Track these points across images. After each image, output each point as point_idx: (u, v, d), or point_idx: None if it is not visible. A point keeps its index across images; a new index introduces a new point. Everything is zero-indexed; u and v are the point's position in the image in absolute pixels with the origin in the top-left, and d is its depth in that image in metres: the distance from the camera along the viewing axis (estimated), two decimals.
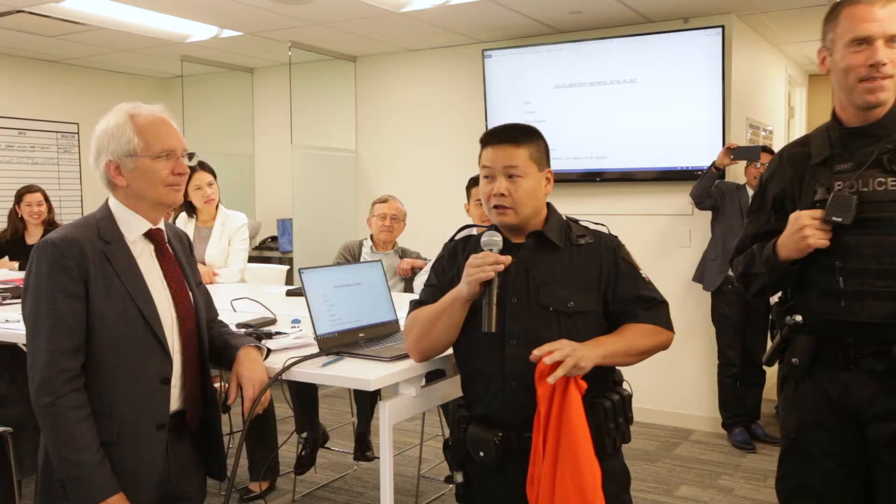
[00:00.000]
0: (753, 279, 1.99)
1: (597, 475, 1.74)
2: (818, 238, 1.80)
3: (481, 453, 1.89)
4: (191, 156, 1.87)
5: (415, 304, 2.05)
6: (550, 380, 1.72)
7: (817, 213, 1.81)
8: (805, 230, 1.80)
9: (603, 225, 2.01)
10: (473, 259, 1.83)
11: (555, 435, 1.76)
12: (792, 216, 1.86)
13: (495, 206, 1.90)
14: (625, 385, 1.99)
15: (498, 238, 1.87)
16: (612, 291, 1.90)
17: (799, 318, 1.92)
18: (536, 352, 1.75)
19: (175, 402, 1.85)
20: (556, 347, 1.74)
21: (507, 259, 1.82)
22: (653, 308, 1.93)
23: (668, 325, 1.95)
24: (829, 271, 1.84)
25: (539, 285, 1.87)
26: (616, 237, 1.99)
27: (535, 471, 1.80)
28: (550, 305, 1.85)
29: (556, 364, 1.72)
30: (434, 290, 2.00)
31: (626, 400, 1.94)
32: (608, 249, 1.93)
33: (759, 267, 1.95)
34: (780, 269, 1.89)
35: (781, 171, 1.98)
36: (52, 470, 1.73)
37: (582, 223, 1.98)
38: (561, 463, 1.74)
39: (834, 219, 1.78)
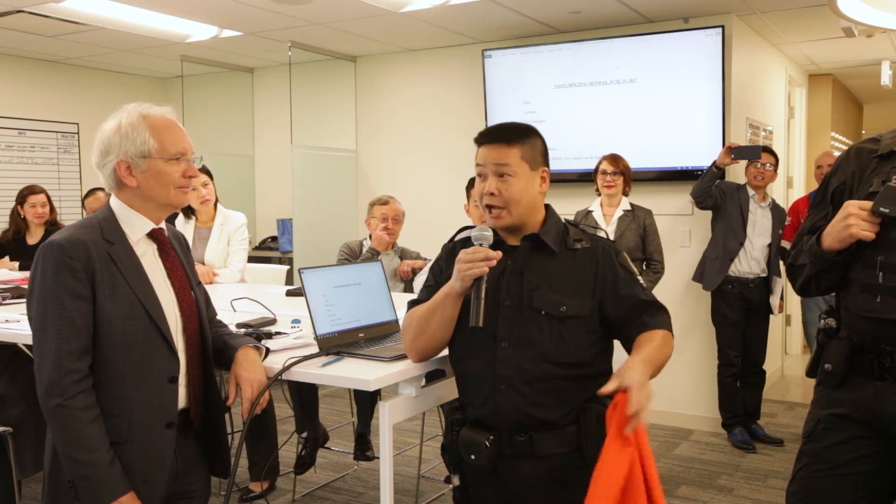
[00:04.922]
0: (799, 270, 1.93)
1: None
2: (862, 229, 1.72)
3: (472, 456, 1.88)
4: (199, 159, 1.88)
5: (411, 304, 2.05)
6: (628, 431, 1.71)
7: (866, 203, 1.73)
8: (849, 219, 1.73)
9: (602, 230, 1.99)
10: (464, 255, 1.81)
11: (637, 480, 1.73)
12: (843, 206, 1.79)
13: (488, 208, 1.88)
14: None
15: (489, 233, 1.86)
16: (611, 296, 1.87)
17: (832, 322, 1.87)
18: (607, 389, 1.71)
19: (181, 401, 1.85)
20: (630, 392, 1.68)
21: (498, 254, 1.81)
22: (657, 313, 1.90)
23: (671, 330, 1.92)
24: (871, 266, 1.77)
25: (532, 289, 1.85)
26: (614, 243, 1.98)
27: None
28: (542, 309, 1.83)
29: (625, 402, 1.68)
30: (431, 291, 1.99)
31: None
32: (606, 255, 1.90)
33: (805, 258, 1.89)
34: (823, 259, 1.82)
35: (846, 165, 1.90)
36: (59, 470, 1.73)
37: (580, 227, 1.96)
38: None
39: (882, 210, 1.70)
